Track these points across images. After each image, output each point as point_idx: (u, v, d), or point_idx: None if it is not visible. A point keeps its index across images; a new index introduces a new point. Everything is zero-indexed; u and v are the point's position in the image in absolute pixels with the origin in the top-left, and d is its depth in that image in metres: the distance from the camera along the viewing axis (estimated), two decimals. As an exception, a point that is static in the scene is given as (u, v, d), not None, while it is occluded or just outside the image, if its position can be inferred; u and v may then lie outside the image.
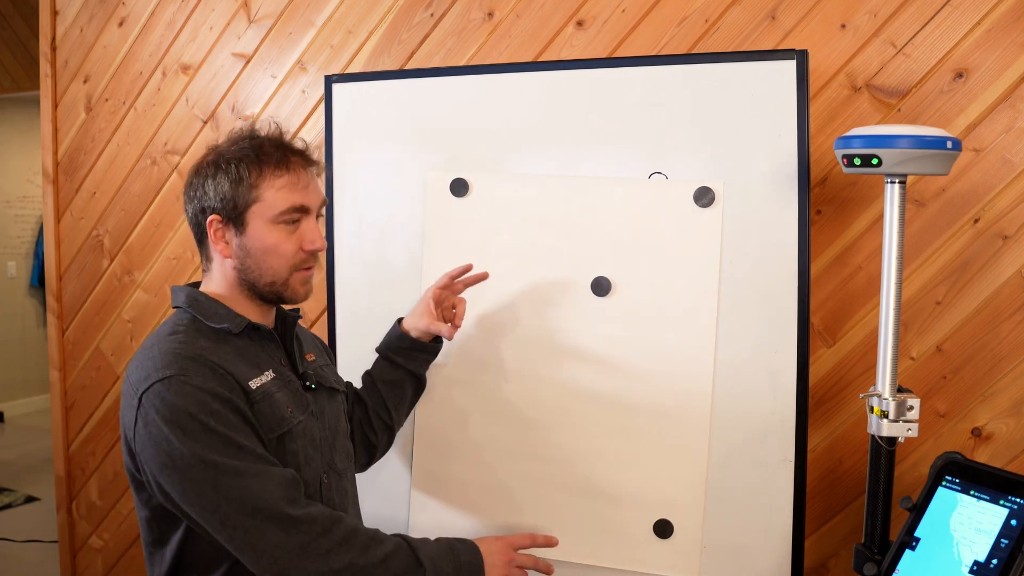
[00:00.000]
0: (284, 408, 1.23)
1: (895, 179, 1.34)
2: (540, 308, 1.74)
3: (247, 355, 1.25)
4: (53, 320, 2.57)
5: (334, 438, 1.37)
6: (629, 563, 1.68)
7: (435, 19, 1.95)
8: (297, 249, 1.26)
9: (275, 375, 1.26)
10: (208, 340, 1.21)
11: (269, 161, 1.24)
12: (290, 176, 1.25)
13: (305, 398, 1.31)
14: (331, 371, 1.49)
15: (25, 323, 5.88)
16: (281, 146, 1.27)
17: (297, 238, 1.26)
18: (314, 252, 1.28)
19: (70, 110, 2.48)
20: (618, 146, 1.70)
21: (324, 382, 1.39)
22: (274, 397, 1.23)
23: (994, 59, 1.53)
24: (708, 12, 1.71)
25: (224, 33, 2.22)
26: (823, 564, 1.69)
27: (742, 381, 1.62)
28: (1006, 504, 1.15)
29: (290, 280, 1.27)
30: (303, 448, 1.26)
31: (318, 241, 1.27)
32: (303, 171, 1.27)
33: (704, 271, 1.63)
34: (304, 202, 1.26)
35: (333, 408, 1.40)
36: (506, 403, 1.76)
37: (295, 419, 1.25)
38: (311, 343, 1.49)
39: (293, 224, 1.25)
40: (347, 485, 1.39)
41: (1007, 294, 1.55)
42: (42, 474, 4.41)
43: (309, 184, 1.28)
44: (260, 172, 1.23)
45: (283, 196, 1.23)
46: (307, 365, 1.38)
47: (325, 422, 1.35)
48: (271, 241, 1.24)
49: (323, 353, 1.53)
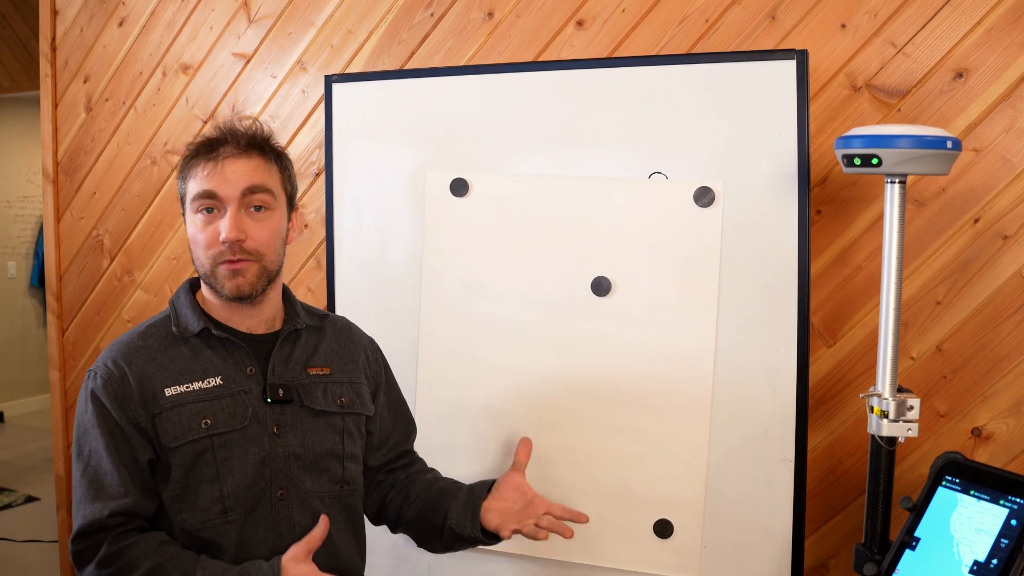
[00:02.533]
0: (197, 419, 1.20)
1: (895, 179, 1.34)
2: (540, 308, 1.74)
3: (197, 359, 1.25)
4: (53, 320, 2.57)
5: (313, 458, 1.27)
6: (629, 563, 1.68)
7: (435, 19, 1.95)
8: (214, 240, 1.20)
9: (223, 382, 1.23)
10: (161, 339, 1.26)
11: (198, 151, 1.23)
12: (208, 164, 1.21)
13: (260, 410, 1.24)
14: (345, 390, 1.34)
15: (25, 323, 5.87)
16: (213, 135, 1.24)
17: (215, 229, 1.20)
18: (226, 243, 1.19)
19: (70, 110, 2.48)
20: (618, 146, 1.70)
21: (308, 400, 1.28)
22: (187, 407, 1.20)
23: (994, 59, 1.53)
24: (708, 12, 1.71)
25: (224, 33, 2.22)
26: (823, 564, 1.69)
27: (742, 381, 1.62)
28: (1006, 504, 1.15)
29: (216, 273, 1.21)
30: (229, 459, 1.21)
31: (226, 231, 1.18)
32: (226, 157, 1.21)
33: (704, 271, 1.63)
34: (208, 187, 1.19)
35: (317, 427, 1.29)
36: (506, 403, 1.76)
37: (216, 430, 1.21)
38: (339, 355, 1.37)
39: (210, 213, 1.21)
40: (318, 507, 1.27)
41: (1007, 294, 1.55)
42: (42, 474, 4.41)
43: (229, 170, 1.20)
44: (189, 163, 1.24)
45: (195, 184, 1.21)
46: (294, 377, 1.29)
47: (298, 439, 1.26)
48: (191, 231, 1.23)
49: (354, 370, 1.38)
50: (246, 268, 1.21)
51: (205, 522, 1.21)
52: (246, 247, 1.20)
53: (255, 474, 1.23)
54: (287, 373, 1.29)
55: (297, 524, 1.25)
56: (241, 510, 1.22)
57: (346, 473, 1.32)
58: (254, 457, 1.23)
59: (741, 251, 1.62)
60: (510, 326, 1.76)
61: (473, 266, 1.79)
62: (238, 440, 1.22)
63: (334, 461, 1.30)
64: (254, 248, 1.21)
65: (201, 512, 1.20)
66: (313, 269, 2.11)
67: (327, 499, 1.29)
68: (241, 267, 1.21)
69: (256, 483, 1.23)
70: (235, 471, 1.22)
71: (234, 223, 1.19)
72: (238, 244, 1.20)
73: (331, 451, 1.30)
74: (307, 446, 1.27)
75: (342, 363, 1.37)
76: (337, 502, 1.31)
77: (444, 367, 1.80)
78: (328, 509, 1.28)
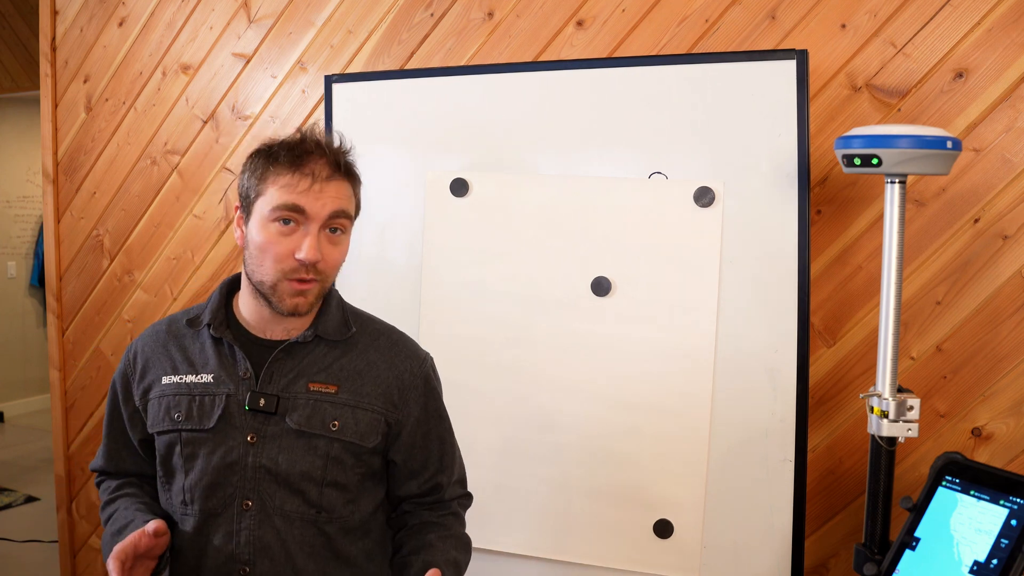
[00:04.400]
0: (173, 411, 1.24)
1: (895, 179, 1.34)
2: (540, 308, 1.74)
3: (202, 352, 1.27)
4: (53, 320, 2.57)
5: (286, 476, 1.21)
6: (629, 563, 1.68)
7: (435, 19, 1.95)
8: (288, 254, 1.17)
9: (212, 380, 1.24)
10: (183, 327, 1.31)
11: (283, 157, 1.20)
12: (295, 176, 1.18)
13: (238, 415, 1.22)
14: (345, 413, 1.24)
15: (25, 323, 5.87)
16: (304, 146, 1.20)
17: (291, 243, 1.17)
18: (304, 263, 1.16)
19: (70, 110, 2.48)
20: (618, 146, 1.70)
21: (290, 417, 1.22)
22: (168, 398, 1.25)
23: (994, 59, 1.53)
24: (708, 12, 1.71)
25: (224, 33, 2.22)
26: (823, 564, 1.69)
27: (742, 381, 1.62)
28: (1006, 504, 1.15)
29: (278, 287, 1.18)
30: (194, 455, 1.22)
31: (306, 251, 1.16)
32: (318, 176, 1.18)
33: (704, 271, 1.63)
34: (298, 203, 1.17)
35: (296, 446, 1.22)
36: (506, 403, 1.76)
37: (183, 426, 1.22)
38: (358, 375, 1.27)
39: (287, 225, 1.17)
40: (284, 527, 1.22)
41: (1007, 294, 1.55)
42: (42, 474, 4.41)
43: (320, 190, 1.18)
44: (270, 166, 1.20)
45: (280, 193, 1.18)
46: (287, 390, 1.23)
47: (274, 453, 1.21)
48: (261, 238, 1.19)
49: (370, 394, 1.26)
50: (311, 289, 1.20)
51: (172, 507, 1.26)
52: (319, 268, 1.19)
53: (219, 477, 1.21)
54: (282, 383, 1.23)
55: (258, 539, 1.21)
56: (201, 508, 1.22)
57: (323, 499, 1.23)
58: (220, 460, 1.21)
59: (741, 251, 1.62)
60: (510, 326, 1.76)
61: (473, 266, 1.79)
62: (205, 440, 1.22)
63: (310, 484, 1.22)
64: (324, 269, 1.20)
65: (174, 496, 1.26)
66: (313, 269, 2.11)
67: (297, 521, 1.22)
68: (307, 288, 1.19)
69: (220, 487, 1.22)
70: (198, 468, 1.22)
71: (317, 244, 1.17)
72: (314, 265, 1.18)
73: (307, 474, 1.22)
74: (281, 463, 1.21)
75: (357, 384, 1.26)
76: (311, 526, 1.24)
77: (444, 367, 1.80)
78: (297, 531, 1.23)
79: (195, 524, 1.23)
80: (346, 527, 1.27)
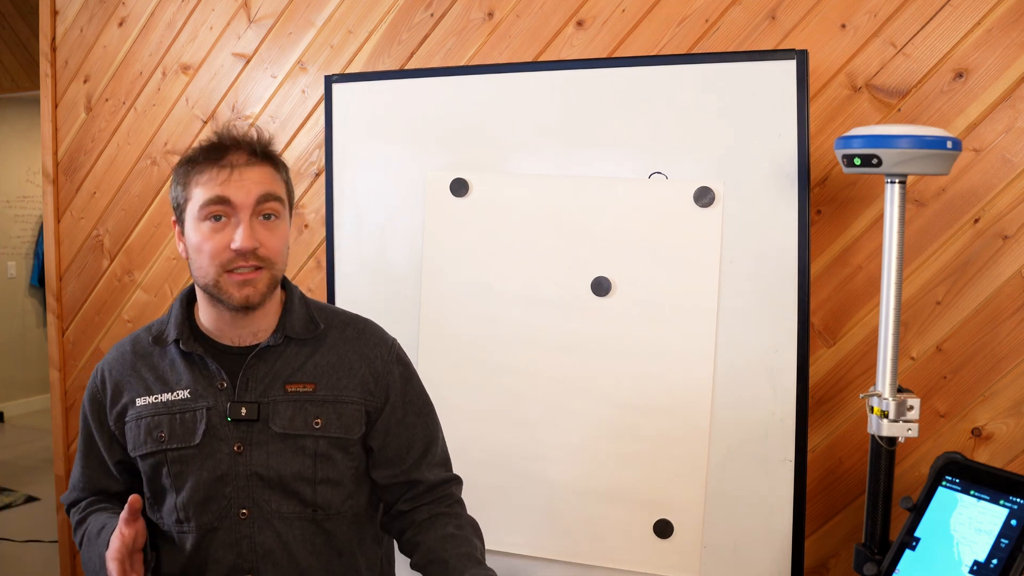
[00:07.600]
0: (155, 432, 1.22)
1: (895, 179, 1.34)
2: (540, 308, 1.74)
3: (173, 369, 1.25)
4: (53, 320, 2.57)
5: (279, 480, 1.22)
6: (629, 563, 1.68)
7: (435, 19, 1.95)
8: (224, 247, 1.16)
9: (189, 396, 1.23)
10: (147, 347, 1.29)
11: (202, 158, 1.20)
12: (215, 170, 1.18)
13: (221, 427, 1.22)
14: (325, 410, 1.25)
15: (25, 323, 5.87)
16: (220, 143, 1.21)
17: (225, 236, 1.17)
18: (240, 251, 1.16)
19: (70, 110, 2.48)
20: (618, 146, 1.70)
21: (273, 421, 1.22)
22: (146, 420, 1.23)
23: (994, 59, 1.53)
24: (708, 12, 1.71)
25: (224, 33, 2.22)
26: (823, 564, 1.69)
27: (742, 381, 1.62)
28: (1006, 504, 1.15)
29: (221, 282, 1.17)
30: (184, 473, 1.21)
31: (240, 240, 1.15)
32: (237, 164, 1.18)
33: (704, 271, 1.63)
34: (222, 193, 1.16)
35: (283, 449, 1.22)
36: (506, 403, 1.76)
37: (170, 445, 1.22)
38: (333, 369, 1.27)
39: (219, 221, 1.17)
40: (285, 529, 1.23)
41: (1007, 294, 1.55)
42: (42, 474, 4.41)
43: (241, 176, 1.17)
44: (192, 169, 1.20)
45: (203, 191, 1.17)
46: (266, 395, 1.23)
47: (263, 459, 1.22)
48: (196, 239, 1.19)
49: (346, 386, 1.27)
50: (258, 278, 1.19)
51: (167, 527, 1.25)
52: (259, 255, 1.18)
53: (212, 491, 1.21)
54: (259, 389, 1.23)
55: (259, 545, 1.22)
56: (198, 524, 1.22)
57: (318, 497, 1.24)
58: (210, 474, 1.21)
59: (741, 251, 1.62)
60: (510, 326, 1.76)
61: (473, 266, 1.79)
62: (193, 456, 1.22)
63: (304, 484, 1.23)
64: (266, 256, 1.18)
65: (166, 515, 1.25)
66: (313, 269, 2.11)
67: (296, 521, 1.24)
68: (253, 277, 1.18)
69: (214, 500, 1.22)
70: (189, 486, 1.22)
71: (250, 231, 1.17)
72: (252, 252, 1.17)
73: (299, 474, 1.23)
74: (272, 467, 1.22)
75: (333, 379, 1.26)
76: (311, 525, 1.24)
77: (444, 367, 1.80)
78: (298, 531, 1.24)
79: (194, 540, 1.22)
80: (345, 521, 1.28)
